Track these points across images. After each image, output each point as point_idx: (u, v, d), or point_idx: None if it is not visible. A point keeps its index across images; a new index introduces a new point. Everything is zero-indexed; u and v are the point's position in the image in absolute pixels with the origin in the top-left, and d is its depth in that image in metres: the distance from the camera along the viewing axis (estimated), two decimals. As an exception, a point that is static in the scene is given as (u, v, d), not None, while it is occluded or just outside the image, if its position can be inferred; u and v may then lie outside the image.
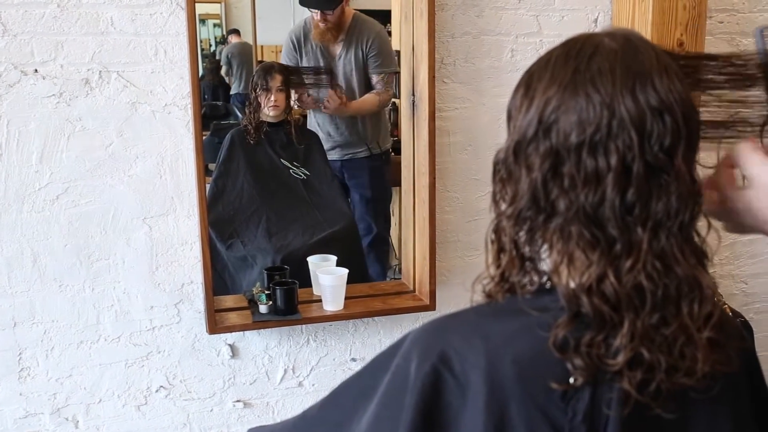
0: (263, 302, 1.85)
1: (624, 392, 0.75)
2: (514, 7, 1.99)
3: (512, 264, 0.80)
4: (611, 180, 0.73)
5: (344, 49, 2.77)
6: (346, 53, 2.77)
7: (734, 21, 2.21)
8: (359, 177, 2.92)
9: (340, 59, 2.79)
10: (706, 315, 0.76)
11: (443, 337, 0.79)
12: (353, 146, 2.90)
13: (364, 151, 2.89)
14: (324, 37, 2.76)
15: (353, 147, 2.90)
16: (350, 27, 2.74)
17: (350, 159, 2.92)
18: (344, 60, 2.79)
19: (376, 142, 2.87)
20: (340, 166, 2.92)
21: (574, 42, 0.78)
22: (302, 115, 3.26)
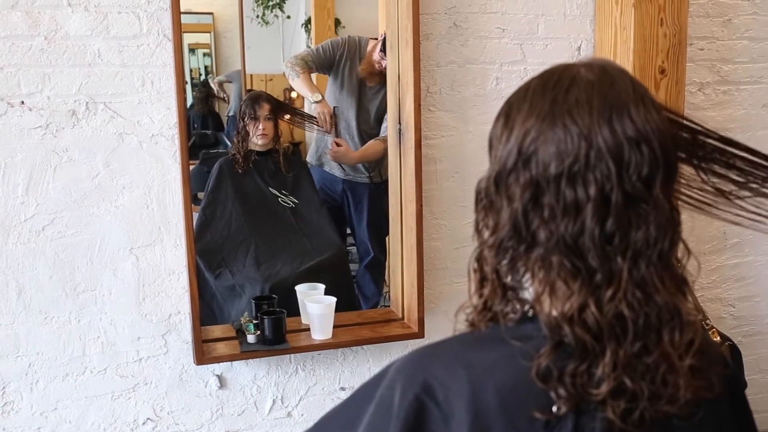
0: (251, 332, 1.84)
1: (608, 421, 0.75)
2: (498, 36, 2.02)
3: (495, 293, 0.80)
4: (590, 210, 0.73)
5: (376, 88, 2.79)
6: (376, 93, 2.80)
7: (714, 48, 2.25)
8: (359, 202, 2.92)
9: (369, 95, 2.81)
10: (688, 342, 0.76)
11: (426, 367, 0.79)
12: (355, 170, 2.91)
13: (365, 178, 2.90)
14: (370, 78, 2.78)
15: (355, 171, 2.91)
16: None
17: (351, 180, 2.93)
18: (371, 96, 2.81)
19: (378, 171, 2.88)
20: (342, 183, 2.93)
21: (552, 73, 0.79)
22: (291, 143, 3.28)
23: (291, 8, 3.88)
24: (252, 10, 3.84)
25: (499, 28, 2.03)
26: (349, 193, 2.92)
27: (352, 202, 2.92)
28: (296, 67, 2.78)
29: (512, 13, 2.03)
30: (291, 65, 2.80)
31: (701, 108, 2.30)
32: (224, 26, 3.96)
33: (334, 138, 2.81)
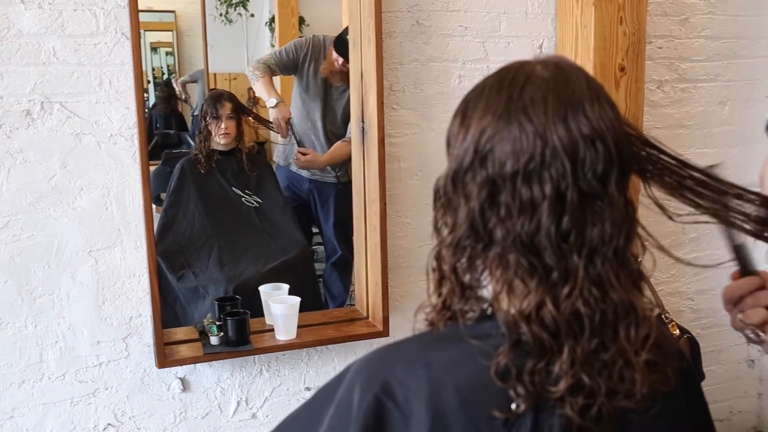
0: (214, 333, 1.82)
1: (566, 418, 0.75)
2: (461, 34, 2.03)
3: (453, 292, 0.79)
4: (546, 208, 0.73)
5: (341, 87, 2.77)
6: (342, 92, 2.78)
7: (672, 47, 2.29)
8: (326, 201, 2.92)
9: (335, 95, 2.80)
10: (643, 337, 0.77)
11: (385, 367, 0.79)
12: (322, 170, 2.90)
13: (332, 177, 2.89)
14: (332, 77, 2.77)
15: (322, 171, 2.90)
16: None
17: (318, 180, 2.92)
18: (337, 96, 2.79)
19: (345, 170, 2.88)
20: (309, 182, 2.91)
21: (507, 70, 0.79)
22: (256, 142, 3.24)
23: (255, 6, 3.85)
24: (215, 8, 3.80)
25: (461, 26, 2.03)
26: (315, 193, 2.91)
27: (318, 202, 2.91)
28: (257, 71, 2.77)
29: (474, 11, 2.04)
30: (252, 69, 2.79)
31: (660, 105, 2.33)
32: (187, 25, 3.92)
33: (298, 148, 2.80)
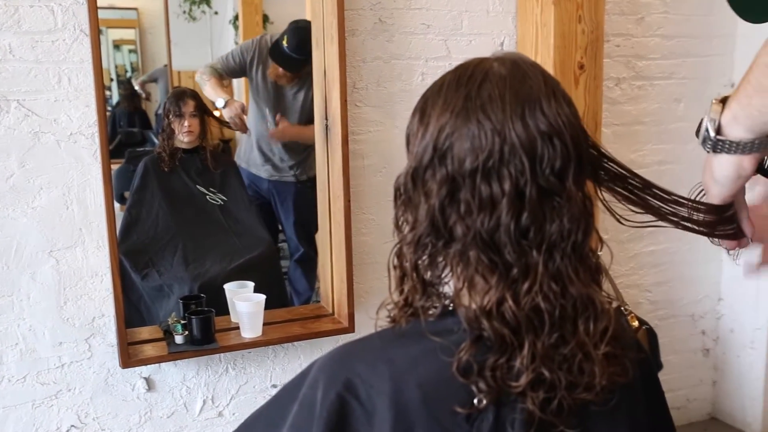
0: (179, 332, 1.81)
1: (528, 412, 0.77)
2: (423, 32, 2.05)
3: (415, 289, 0.80)
4: (505, 205, 0.74)
5: (295, 88, 2.76)
6: (296, 93, 2.76)
7: (629, 45, 2.34)
8: (285, 200, 2.91)
9: (288, 97, 2.78)
10: (602, 330, 0.78)
11: (348, 364, 0.80)
12: (280, 170, 2.89)
13: (291, 176, 2.88)
14: (279, 80, 2.75)
15: (280, 171, 2.89)
16: (305, 71, 2.73)
17: (277, 181, 2.91)
18: (291, 98, 2.78)
19: (303, 168, 2.87)
20: (267, 183, 2.90)
21: (465, 68, 0.80)
22: (222, 140, 3.22)
23: (219, 4, 3.81)
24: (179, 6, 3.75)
25: (424, 24, 2.05)
26: (275, 192, 2.90)
27: (278, 201, 2.90)
28: (204, 75, 2.75)
29: (437, 9, 2.05)
30: (200, 74, 2.77)
31: (618, 102, 2.38)
32: (149, 22, 3.86)
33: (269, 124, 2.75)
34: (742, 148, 0.73)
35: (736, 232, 0.86)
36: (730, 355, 2.80)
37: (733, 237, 0.86)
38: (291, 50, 2.64)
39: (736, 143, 0.73)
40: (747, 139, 0.72)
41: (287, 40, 2.65)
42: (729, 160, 0.75)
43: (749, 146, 0.73)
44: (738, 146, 0.73)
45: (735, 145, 0.73)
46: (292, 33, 2.65)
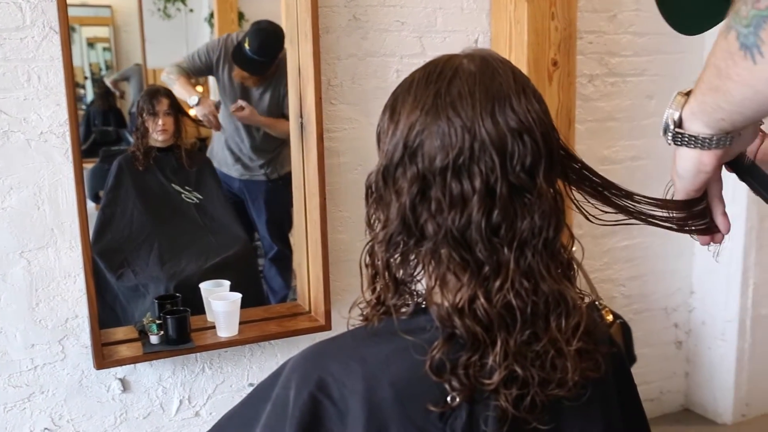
0: (154, 332, 1.80)
1: (501, 409, 0.77)
2: (398, 29, 2.05)
3: (387, 287, 0.80)
4: (476, 202, 0.74)
5: (262, 89, 2.74)
6: (263, 93, 2.75)
7: (602, 42, 2.36)
8: (257, 199, 2.89)
9: (255, 97, 2.76)
10: (574, 326, 0.79)
11: (320, 364, 0.79)
12: (251, 170, 2.88)
13: (261, 175, 2.87)
14: (245, 81, 2.73)
15: (251, 171, 2.88)
16: (270, 71, 2.72)
17: (248, 180, 2.90)
18: (258, 97, 2.76)
19: (274, 167, 2.86)
20: (238, 182, 2.89)
21: (435, 65, 0.80)
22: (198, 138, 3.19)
23: (194, 2, 3.78)
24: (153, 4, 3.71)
25: (398, 21, 2.05)
26: (246, 191, 2.89)
27: (250, 200, 2.89)
28: (171, 74, 2.72)
29: (411, 6, 2.05)
30: (166, 74, 2.74)
31: (591, 99, 2.40)
32: (124, 20, 3.82)
33: (237, 105, 2.73)
34: (701, 143, 0.73)
35: (709, 227, 0.85)
36: (702, 347, 2.84)
37: (706, 232, 0.86)
38: (253, 53, 2.62)
39: (694, 137, 0.73)
40: (705, 134, 0.72)
41: (249, 42, 2.63)
42: (689, 154, 0.75)
43: (707, 142, 0.73)
44: (697, 141, 0.73)
45: (694, 139, 0.73)
46: (253, 35, 2.64)
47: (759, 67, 0.60)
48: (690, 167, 0.76)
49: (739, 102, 0.65)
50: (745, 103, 0.65)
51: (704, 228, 0.85)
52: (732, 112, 0.67)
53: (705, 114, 0.70)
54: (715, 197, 0.84)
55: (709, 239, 0.87)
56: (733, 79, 0.64)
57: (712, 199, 0.84)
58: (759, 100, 0.63)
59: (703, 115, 0.71)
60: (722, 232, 0.85)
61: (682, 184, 0.79)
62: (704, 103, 0.70)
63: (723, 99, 0.66)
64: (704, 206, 0.84)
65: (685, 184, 0.79)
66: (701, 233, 0.86)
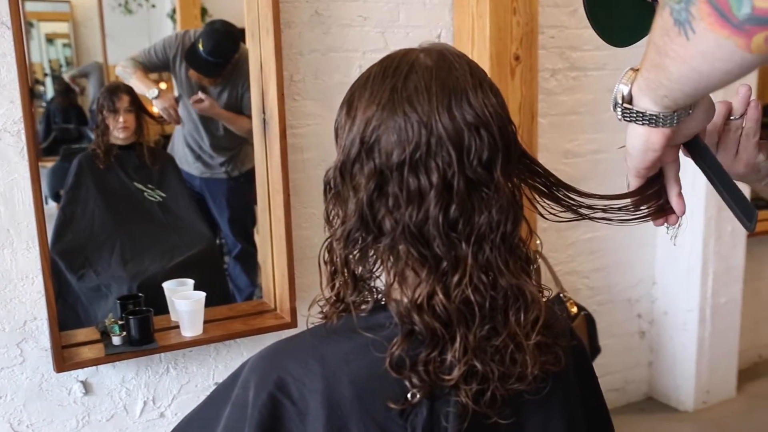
0: (116, 333, 1.77)
1: (461, 404, 0.77)
2: (360, 24, 2.04)
3: (346, 285, 0.80)
4: (433, 197, 0.74)
5: (220, 87, 2.71)
6: (221, 92, 2.71)
7: (563, 36, 2.38)
8: (219, 197, 2.87)
9: (213, 95, 2.72)
10: (533, 320, 0.79)
11: (279, 363, 0.79)
12: (211, 168, 2.85)
13: (222, 173, 2.84)
14: (201, 81, 2.69)
15: (211, 168, 2.85)
16: (228, 70, 2.69)
17: (209, 178, 2.87)
18: (217, 97, 2.72)
19: (234, 164, 2.84)
20: (199, 180, 2.86)
21: (391, 59, 0.79)
22: (162, 135, 3.15)
23: (156, -4, 3.72)
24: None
25: (360, 17, 2.04)
26: (207, 190, 2.86)
27: (211, 198, 2.86)
28: (127, 68, 2.67)
29: (373, 1, 2.05)
30: (122, 67, 2.70)
31: (554, 93, 2.42)
32: (83, 15, 3.74)
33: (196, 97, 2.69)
34: (649, 120, 0.72)
35: (663, 208, 0.85)
36: (665, 336, 2.89)
37: (660, 212, 0.85)
38: (207, 54, 2.60)
39: (642, 113, 0.72)
40: (653, 111, 0.71)
41: (203, 43, 2.60)
42: (638, 131, 0.75)
43: (654, 119, 0.72)
44: (644, 117, 0.72)
45: (642, 116, 0.72)
46: (207, 36, 2.61)
47: (692, 43, 0.60)
48: (638, 145, 0.76)
49: (677, 79, 0.65)
50: (682, 80, 0.65)
51: (658, 208, 0.85)
52: (672, 89, 0.67)
53: (650, 90, 0.70)
54: (670, 179, 0.83)
55: (663, 220, 0.86)
56: (669, 55, 0.63)
57: (668, 181, 0.83)
58: (694, 77, 0.63)
59: (648, 92, 0.70)
60: (677, 213, 0.84)
61: (632, 162, 0.79)
62: (648, 80, 0.69)
63: (663, 76, 0.66)
64: (658, 188, 0.84)
65: (634, 162, 0.79)
66: (655, 213, 0.85)
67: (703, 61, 0.60)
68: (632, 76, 0.73)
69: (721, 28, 0.57)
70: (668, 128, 0.73)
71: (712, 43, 0.58)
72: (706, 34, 0.58)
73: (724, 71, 0.60)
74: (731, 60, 0.58)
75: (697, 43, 0.59)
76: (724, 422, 2.78)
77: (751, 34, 0.56)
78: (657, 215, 0.85)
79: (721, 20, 0.56)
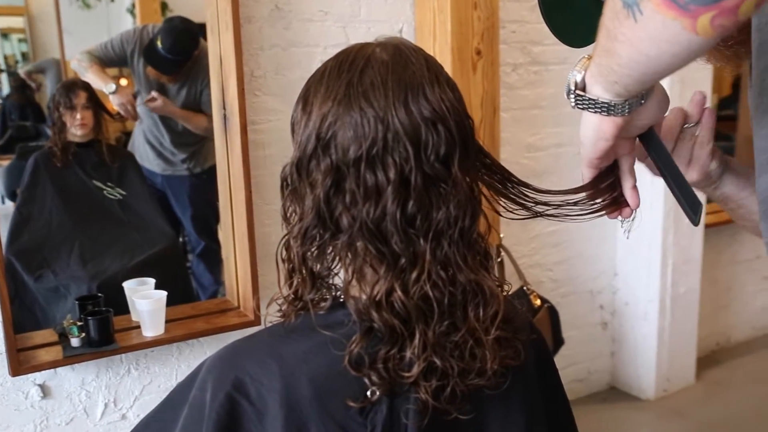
0: (75, 335, 1.73)
1: (421, 401, 0.77)
2: (321, 19, 2.02)
3: (304, 282, 0.79)
4: (390, 193, 0.73)
5: (178, 84, 2.67)
6: (179, 89, 2.67)
7: (524, 31, 2.39)
8: (181, 195, 2.83)
9: (171, 93, 2.68)
10: (492, 315, 0.78)
11: (237, 363, 0.78)
12: (173, 164, 2.81)
13: (184, 170, 2.81)
14: (160, 78, 2.65)
15: (173, 165, 2.81)
16: (188, 67, 2.64)
17: (170, 175, 2.83)
18: (174, 93, 2.68)
19: (196, 161, 2.80)
20: (160, 177, 2.82)
21: (347, 54, 0.78)
22: (124, 132, 3.10)
23: (115, -9, 3.65)
24: (72, -8, 3.57)
25: (321, 11, 2.02)
26: (168, 187, 2.82)
27: (173, 195, 2.83)
28: (82, 62, 2.62)
29: (334, -5, 2.03)
30: (78, 61, 2.64)
31: (516, 87, 2.44)
32: (40, 9, 3.66)
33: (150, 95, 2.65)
34: (600, 108, 0.72)
35: (618, 201, 0.85)
36: (626, 327, 2.94)
37: (614, 205, 0.85)
38: (166, 51, 2.56)
39: (594, 101, 0.72)
40: (604, 99, 0.71)
41: (161, 40, 2.56)
42: (590, 119, 0.74)
43: (606, 107, 0.71)
44: (596, 104, 0.72)
45: (594, 103, 0.72)
46: (166, 33, 2.57)
47: (639, 25, 0.60)
48: (590, 133, 0.76)
49: (626, 63, 0.65)
50: (631, 65, 0.64)
51: (612, 201, 0.85)
52: (622, 75, 0.67)
53: (602, 76, 0.69)
54: (625, 171, 0.83)
55: (618, 213, 0.86)
56: (619, 39, 0.63)
57: (623, 174, 0.83)
58: (643, 61, 0.63)
59: (600, 78, 0.70)
60: (631, 206, 0.84)
61: (584, 151, 0.79)
62: (600, 66, 0.69)
63: (614, 61, 0.66)
64: (613, 180, 0.83)
65: (586, 152, 0.79)
66: (609, 206, 0.85)
67: (650, 43, 0.60)
68: (586, 63, 0.72)
69: (667, 9, 0.57)
70: (620, 117, 0.72)
71: (659, 24, 0.58)
72: (654, 15, 0.58)
73: (671, 54, 0.60)
74: (678, 42, 0.59)
75: (644, 24, 0.59)
76: (683, 409, 2.84)
77: (696, 15, 0.56)
78: (611, 208, 0.85)
79: (668, 1, 0.57)
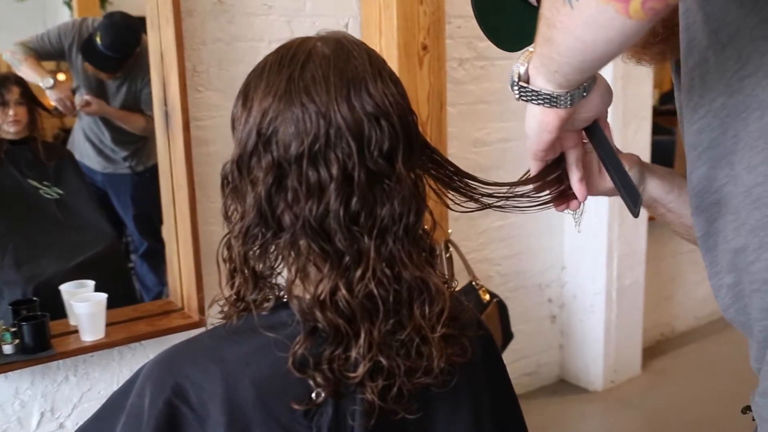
0: (8, 341, 1.66)
1: (367, 402, 0.75)
2: (265, 12, 1.98)
3: (246, 282, 0.77)
4: (333, 190, 0.72)
5: (118, 81, 2.58)
6: (119, 86, 2.58)
7: (471, 26, 2.39)
8: (123, 194, 2.74)
9: (111, 90, 2.59)
10: (438, 312, 0.78)
11: (176, 368, 0.75)
12: (114, 162, 2.72)
13: (125, 168, 2.72)
14: (99, 74, 2.55)
15: (114, 163, 2.72)
16: (128, 64, 2.55)
17: (112, 174, 2.74)
18: (114, 90, 2.59)
19: (138, 159, 2.72)
20: (101, 176, 2.73)
21: (288, 48, 0.76)
22: (62, 129, 2.99)
23: (51, -19, 3.52)
24: (4, -17, 3.42)
25: (265, 5, 1.99)
26: (109, 186, 2.74)
27: (114, 194, 2.74)
28: (16, 55, 2.50)
29: (279, -11, 2.00)
30: (11, 53, 2.52)
31: (462, 82, 2.44)
32: (-32, 0, 3.50)
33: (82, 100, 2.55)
34: (543, 99, 0.72)
35: (565, 193, 0.85)
36: (574, 319, 2.98)
37: (562, 197, 0.85)
38: (105, 48, 2.47)
39: (537, 92, 0.71)
40: (547, 90, 0.71)
41: (100, 37, 2.47)
42: (533, 111, 0.74)
43: (548, 98, 0.71)
44: (539, 96, 0.71)
45: (536, 95, 0.72)
46: (105, 29, 2.48)
47: (575, 12, 0.60)
48: (534, 126, 0.76)
49: (564, 51, 0.65)
50: (569, 52, 0.65)
51: (560, 193, 0.85)
52: (562, 63, 0.66)
53: (543, 66, 0.69)
54: (572, 164, 0.83)
55: (565, 205, 0.86)
56: (557, 27, 0.63)
57: (569, 166, 0.83)
58: (580, 48, 0.63)
59: (542, 68, 0.70)
60: (579, 198, 0.85)
61: (529, 143, 0.79)
62: (541, 56, 0.69)
63: (554, 50, 0.66)
64: (560, 173, 0.84)
65: (531, 144, 0.79)
66: (557, 198, 0.85)
67: (586, 29, 0.61)
68: (529, 56, 0.72)
69: None
70: (563, 109, 0.72)
71: (593, 9, 0.58)
72: (588, 1, 0.58)
73: (606, 40, 0.61)
74: (612, 27, 0.59)
75: (580, 11, 0.60)
76: (630, 400, 2.90)
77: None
78: (559, 200, 0.86)
79: None
